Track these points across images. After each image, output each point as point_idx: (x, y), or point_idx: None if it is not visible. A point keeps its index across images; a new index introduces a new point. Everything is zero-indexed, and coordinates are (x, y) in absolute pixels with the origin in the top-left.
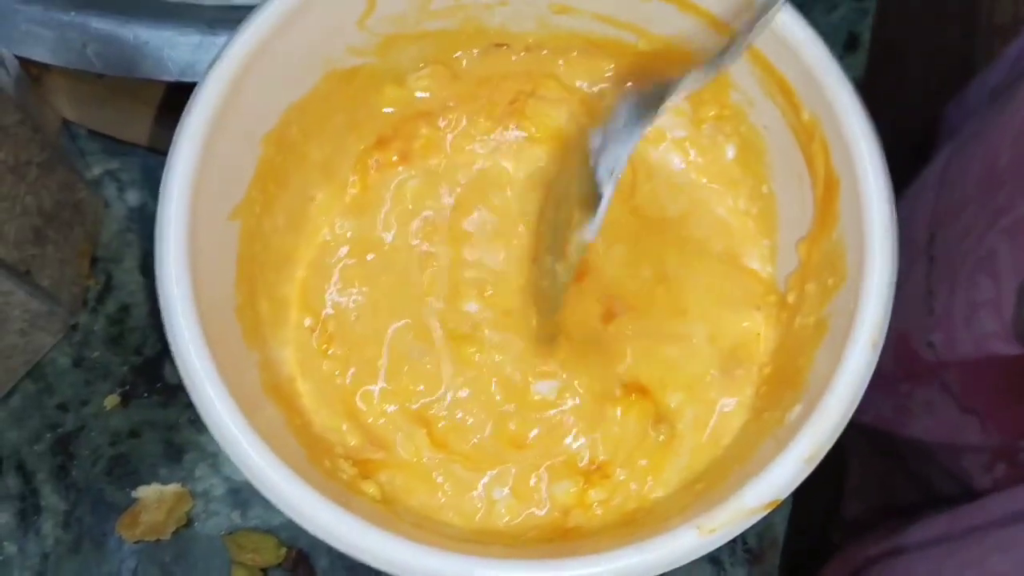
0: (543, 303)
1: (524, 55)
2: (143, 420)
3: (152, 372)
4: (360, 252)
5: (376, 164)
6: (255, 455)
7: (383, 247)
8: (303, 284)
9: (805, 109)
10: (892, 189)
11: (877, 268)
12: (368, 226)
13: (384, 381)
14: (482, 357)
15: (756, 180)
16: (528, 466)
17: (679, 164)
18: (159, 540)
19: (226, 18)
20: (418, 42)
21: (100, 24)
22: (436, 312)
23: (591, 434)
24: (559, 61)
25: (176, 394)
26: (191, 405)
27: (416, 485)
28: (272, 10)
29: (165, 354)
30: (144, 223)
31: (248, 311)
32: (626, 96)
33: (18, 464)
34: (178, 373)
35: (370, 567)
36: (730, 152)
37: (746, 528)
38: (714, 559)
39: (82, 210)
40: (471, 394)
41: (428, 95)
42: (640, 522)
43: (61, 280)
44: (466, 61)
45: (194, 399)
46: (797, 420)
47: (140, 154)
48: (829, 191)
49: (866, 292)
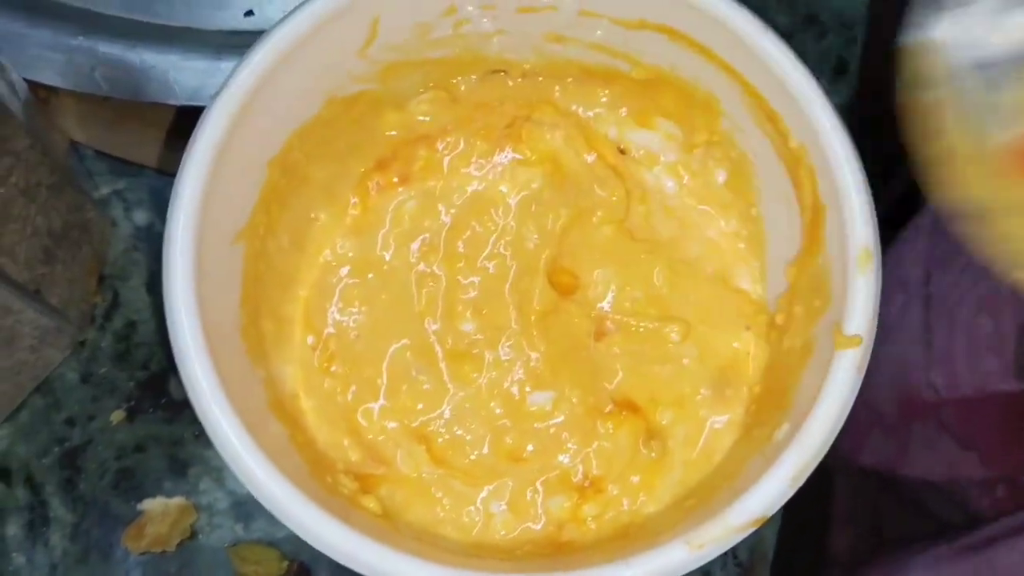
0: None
1: (521, 81)
2: (149, 435)
3: (158, 388)
4: (361, 272)
5: (376, 186)
6: (259, 471)
7: (383, 267)
8: (306, 303)
9: (792, 137)
10: (875, 216)
11: (860, 293)
12: (368, 246)
13: (384, 399)
14: (479, 374)
15: (746, 203)
16: (524, 481)
17: (672, 187)
18: (164, 552)
19: (231, 43)
20: (418, 69)
21: (108, 48)
22: (434, 331)
23: (585, 449)
24: (555, 87)
25: (181, 409)
26: (196, 420)
27: (415, 500)
28: (277, 39)
29: (171, 370)
30: (150, 242)
31: (252, 330)
32: None
33: (27, 477)
34: (183, 389)
35: None
36: (721, 176)
37: (734, 544)
38: (705, 572)
39: (90, 230)
40: (469, 410)
41: (428, 119)
42: (632, 537)
43: (69, 298)
44: (464, 87)
45: (200, 417)
46: (784, 439)
47: (146, 174)
48: (815, 216)
49: (849, 316)
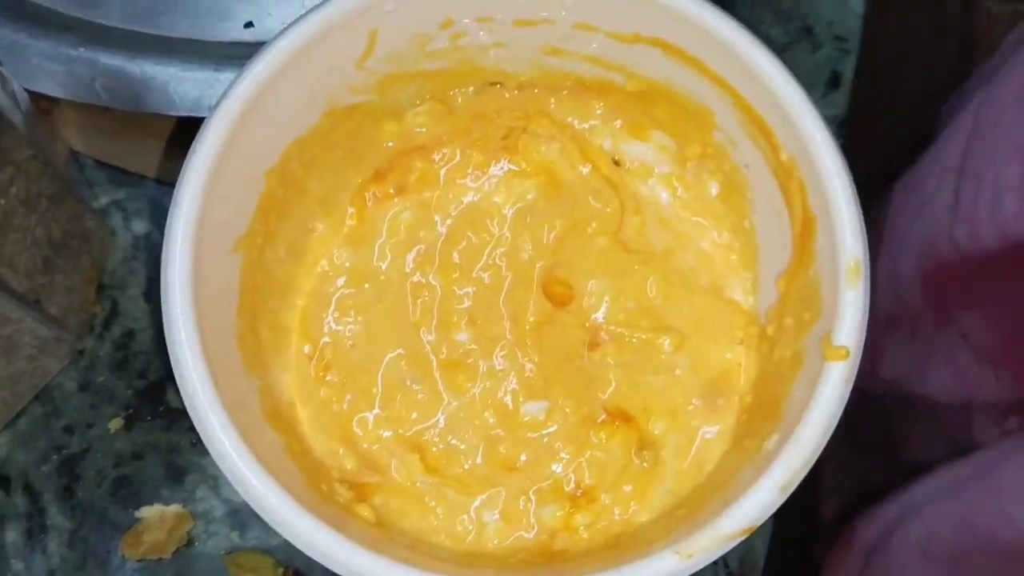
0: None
1: (517, 93)
2: (146, 442)
3: (155, 396)
4: (357, 282)
5: (373, 197)
6: (254, 480)
7: (379, 277)
8: (302, 313)
9: (784, 150)
10: (865, 228)
11: (850, 306)
12: (365, 257)
13: (379, 408)
14: (473, 384)
15: (739, 216)
16: (517, 490)
17: (666, 199)
18: (161, 559)
19: (230, 54)
20: (415, 81)
21: (108, 59)
22: (428, 341)
23: (577, 459)
24: (551, 99)
25: (178, 418)
26: (193, 428)
27: (409, 508)
28: (277, 51)
29: (168, 378)
30: (148, 251)
31: (249, 339)
32: None
33: (25, 484)
34: (180, 397)
35: None
36: (714, 189)
37: (724, 553)
38: None
39: (89, 239)
40: (463, 420)
41: (424, 131)
42: (624, 546)
43: (69, 307)
44: (461, 98)
45: (197, 425)
46: (774, 449)
47: (145, 184)
48: (806, 229)
49: (839, 329)
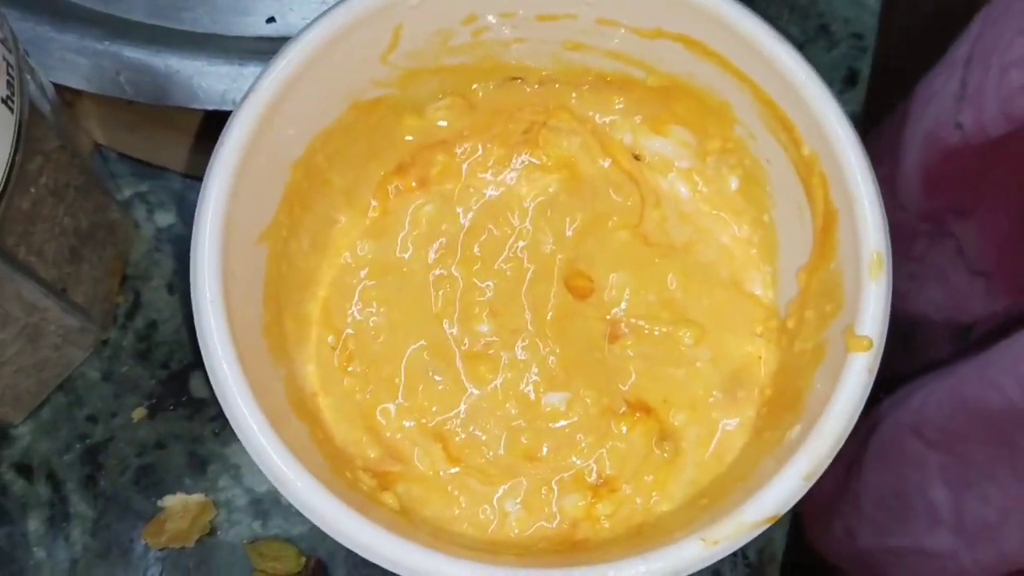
0: None
1: (538, 88)
2: (169, 432)
3: (178, 386)
4: (379, 274)
5: (395, 190)
6: (283, 465)
7: (401, 269)
8: (325, 304)
9: (805, 144)
10: (887, 221)
11: (872, 298)
12: (387, 248)
13: (402, 398)
14: (495, 375)
15: (758, 210)
16: (539, 480)
17: (686, 193)
18: (183, 548)
19: (253, 49)
20: (438, 75)
21: (133, 53)
22: (451, 332)
23: (598, 449)
24: (572, 94)
25: (201, 407)
26: (215, 418)
27: (432, 497)
28: (303, 46)
29: (191, 368)
30: (171, 243)
31: (274, 329)
32: None
33: (49, 473)
34: (203, 387)
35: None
36: (734, 183)
37: (748, 541)
38: (716, 573)
39: (114, 230)
40: (485, 410)
41: (446, 124)
42: (646, 535)
43: (93, 297)
44: (483, 93)
45: (226, 411)
46: (796, 440)
47: (168, 177)
48: (828, 223)
49: (861, 320)
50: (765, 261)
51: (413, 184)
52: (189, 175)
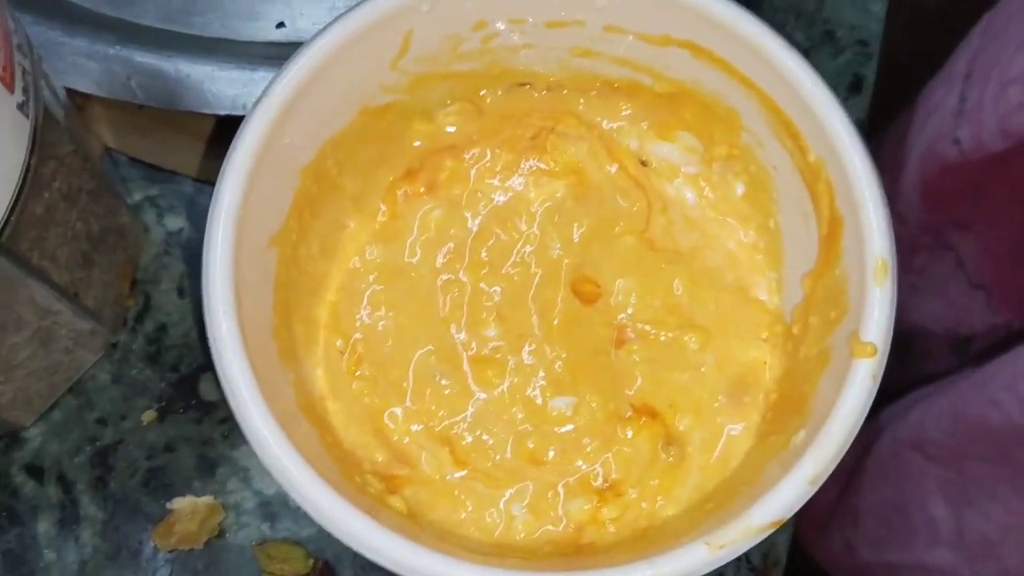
0: None
1: (546, 93)
2: (178, 435)
3: (188, 389)
4: (388, 278)
5: (404, 195)
6: (292, 467)
7: (409, 274)
8: (334, 308)
9: (811, 151)
10: (892, 228)
11: (877, 304)
12: (396, 253)
13: (409, 402)
14: (502, 379)
15: (764, 216)
16: (545, 484)
17: (692, 199)
18: (192, 549)
19: (264, 54)
20: (447, 81)
21: (143, 58)
22: (458, 336)
23: (604, 454)
24: (579, 100)
25: (210, 410)
26: (224, 421)
27: (439, 501)
28: (315, 51)
29: (200, 372)
30: (181, 247)
31: (284, 333)
32: None
33: (59, 475)
34: (212, 390)
35: None
36: (740, 189)
37: (753, 545)
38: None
39: (125, 235)
40: (492, 414)
41: (455, 130)
42: (651, 539)
43: (104, 301)
44: (491, 98)
45: (236, 414)
46: (801, 445)
47: (178, 181)
48: (833, 229)
49: (866, 326)
50: (771, 267)
51: (422, 189)
52: (199, 179)
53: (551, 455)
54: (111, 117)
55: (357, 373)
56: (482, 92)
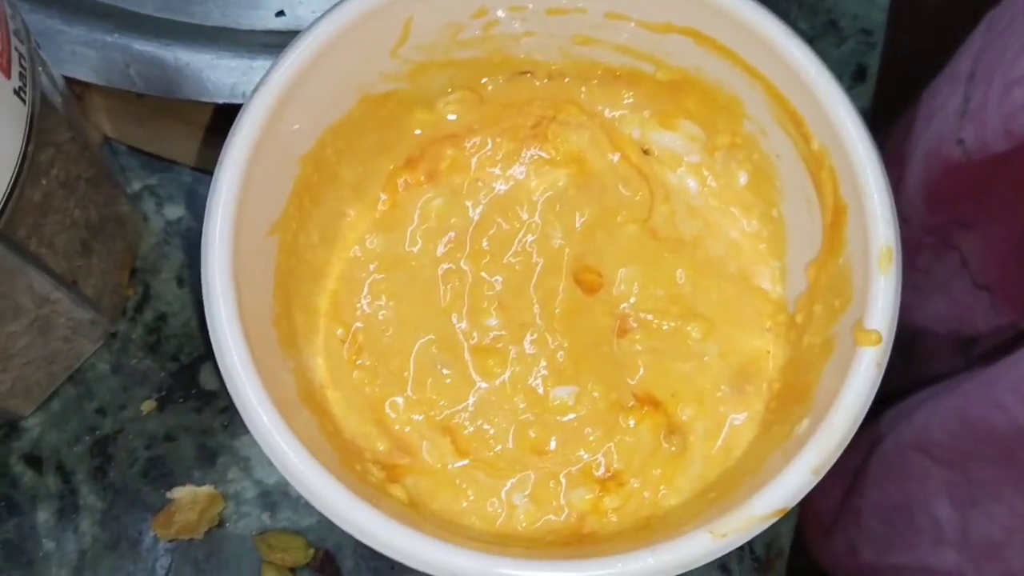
0: None
1: (547, 82)
2: (178, 424)
3: (188, 378)
4: (388, 267)
5: (404, 183)
6: (292, 455)
7: (410, 263)
8: (335, 297)
9: (815, 139)
10: (896, 216)
11: (882, 292)
12: (396, 242)
13: (411, 391)
14: (503, 369)
15: (767, 204)
16: (547, 474)
17: (695, 187)
18: (192, 539)
19: (263, 42)
20: (447, 69)
21: (142, 46)
22: (459, 326)
23: (606, 443)
24: (581, 88)
25: (210, 400)
26: (225, 410)
27: (440, 490)
28: (313, 39)
29: (200, 361)
30: (181, 237)
31: (284, 321)
32: None
33: (58, 465)
34: (212, 379)
35: (393, 568)
36: (743, 178)
37: (756, 534)
38: (724, 567)
39: (124, 223)
40: (493, 404)
41: (455, 118)
42: (654, 528)
43: (103, 290)
44: (492, 87)
45: (237, 404)
46: (804, 433)
47: (178, 170)
48: (837, 218)
49: (871, 314)
50: (774, 256)
51: (422, 178)
52: (198, 168)
53: (553, 444)
54: (109, 106)
55: (358, 362)
56: (483, 80)
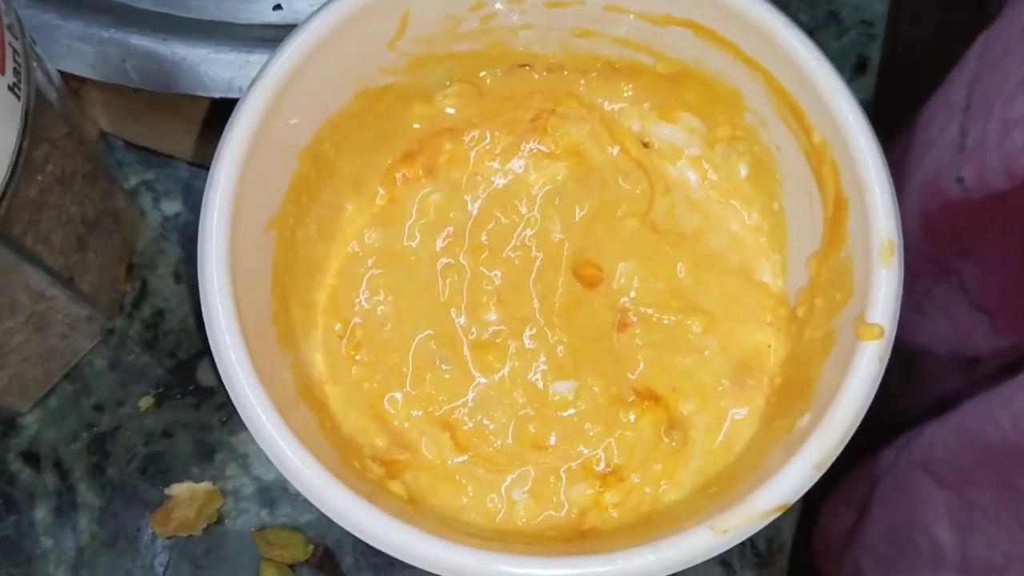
0: None
1: (546, 75)
2: (176, 421)
3: (185, 375)
4: (387, 262)
5: (403, 178)
6: (290, 452)
7: (408, 258)
8: (333, 292)
9: (816, 132)
10: (898, 209)
11: (883, 285)
12: (395, 237)
13: (409, 387)
14: (502, 364)
15: (768, 197)
16: (547, 469)
17: (695, 181)
18: (191, 536)
19: (260, 36)
20: (446, 62)
21: (139, 41)
22: (458, 321)
23: (607, 438)
24: (580, 81)
25: (208, 396)
26: (223, 407)
27: (440, 486)
28: (310, 33)
29: (198, 357)
30: (178, 232)
31: (282, 317)
32: None
33: (56, 462)
34: (210, 375)
35: (393, 564)
36: (743, 171)
37: (758, 530)
38: (725, 562)
39: (121, 219)
40: (493, 399)
41: (454, 112)
42: (655, 524)
43: (100, 286)
44: (491, 80)
45: (234, 399)
46: (806, 428)
47: (175, 165)
48: (838, 210)
49: (872, 308)
50: (775, 249)
51: (421, 172)
52: (195, 163)
53: (553, 440)
54: (106, 101)
55: (356, 357)
56: (482, 73)
